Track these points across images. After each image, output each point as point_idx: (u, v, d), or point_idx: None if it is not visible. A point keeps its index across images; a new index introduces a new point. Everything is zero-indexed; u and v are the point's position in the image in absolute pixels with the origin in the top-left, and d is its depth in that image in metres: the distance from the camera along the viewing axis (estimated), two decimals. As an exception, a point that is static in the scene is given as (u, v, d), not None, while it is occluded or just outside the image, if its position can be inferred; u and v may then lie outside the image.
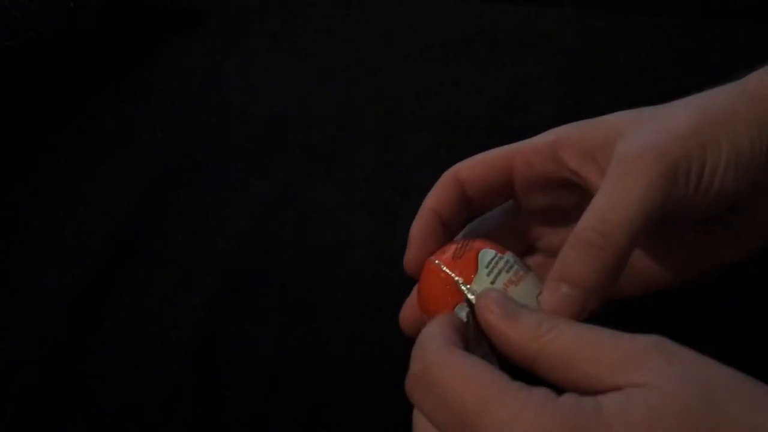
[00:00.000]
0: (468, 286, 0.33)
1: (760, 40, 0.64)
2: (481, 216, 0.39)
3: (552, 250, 0.39)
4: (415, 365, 0.29)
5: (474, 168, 0.37)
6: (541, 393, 0.26)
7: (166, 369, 0.46)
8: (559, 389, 0.27)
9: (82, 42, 0.65)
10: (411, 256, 0.36)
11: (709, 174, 0.31)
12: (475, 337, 0.31)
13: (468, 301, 0.33)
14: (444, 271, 0.34)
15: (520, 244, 0.39)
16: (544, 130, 0.37)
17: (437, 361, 0.28)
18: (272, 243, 0.52)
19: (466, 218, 0.38)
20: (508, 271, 0.33)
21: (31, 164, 0.59)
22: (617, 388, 0.26)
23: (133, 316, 0.48)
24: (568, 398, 0.26)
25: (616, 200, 0.30)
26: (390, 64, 0.67)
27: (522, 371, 0.28)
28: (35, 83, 0.63)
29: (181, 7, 0.73)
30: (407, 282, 0.51)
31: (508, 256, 0.34)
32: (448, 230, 0.37)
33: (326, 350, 0.46)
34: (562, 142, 0.35)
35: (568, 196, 0.36)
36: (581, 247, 0.30)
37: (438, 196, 0.37)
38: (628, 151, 0.31)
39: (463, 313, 0.32)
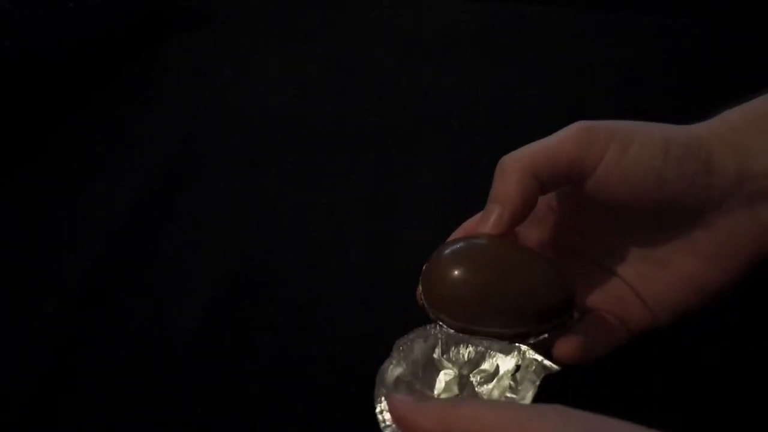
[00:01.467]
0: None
1: (759, 40, 0.64)
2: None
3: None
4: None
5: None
6: None
7: (166, 368, 0.46)
8: None
9: (82, 42, 0.65)
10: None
11: (637, 148, 0.36)
12: None
13: None
14: None
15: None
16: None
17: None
18: (272, 243, 0.52)
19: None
20: None
21: (31, 164, 0.59)
22: None
23: (133, 316, 0.48)
24: None
25: (536, 144, 0.37)
26: (390, 63, 0.67)
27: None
28: (35, 83, 0.63)
29: (181, 7, 0.73)
30: (407, 282, 0.51)
31: None
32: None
33: (326, 350, 0.46)
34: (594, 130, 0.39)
35: None
36: (501, 172, 0.37)
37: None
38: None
39: None
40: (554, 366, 0.35)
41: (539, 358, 0.35)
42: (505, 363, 0.36)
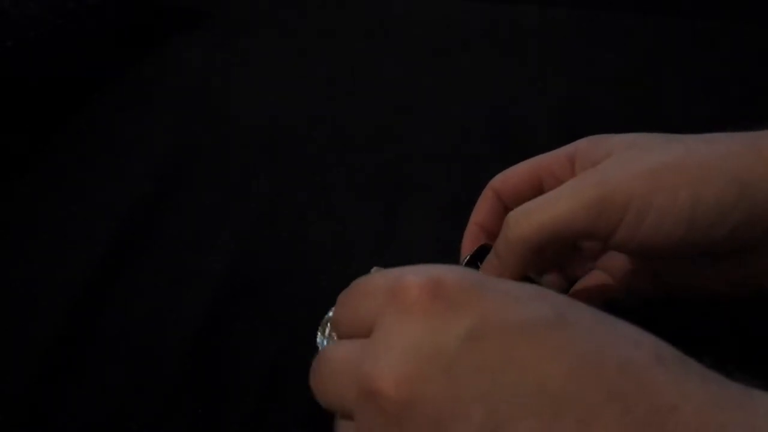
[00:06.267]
0: None
1: (760, 41, 0.64)
2: None
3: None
4: None
5: (507, 180, 0.41)
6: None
7: (165, 369, 0.46)
8: None
9: (81, 42, 0.65)
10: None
11: (657, 216, 0.33)
12: None
13: None
14: None
15: None
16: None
17: None
18: (272, 243, 0.52)
19: None
20: None
21: (31, 164, 0.59)
22: None
23: (133, 316, 0.48)
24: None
25: (543, 202, 0.35)
26: (390, 64, 0.67)
27: None
28: (35, 83, 0.63)
29: (181, 7, 0.73)
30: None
31: None
32: (492, 239, 0.40)
33: (326, 350, 0.46)
34: (577, 153, 0.39)
35: None
36: (506, 239, 0.36)
37: (480, 209, 0.42)
38: (586, 172, 0.35)
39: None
40: None
41: None
42: None
